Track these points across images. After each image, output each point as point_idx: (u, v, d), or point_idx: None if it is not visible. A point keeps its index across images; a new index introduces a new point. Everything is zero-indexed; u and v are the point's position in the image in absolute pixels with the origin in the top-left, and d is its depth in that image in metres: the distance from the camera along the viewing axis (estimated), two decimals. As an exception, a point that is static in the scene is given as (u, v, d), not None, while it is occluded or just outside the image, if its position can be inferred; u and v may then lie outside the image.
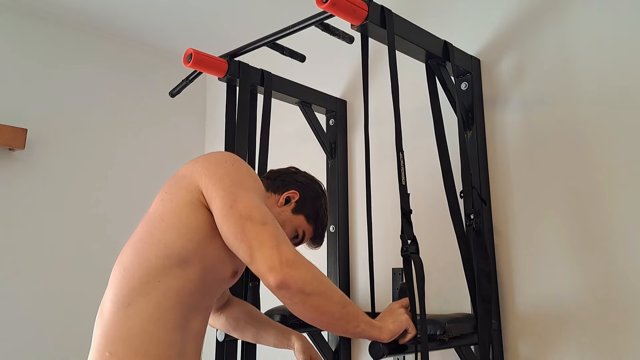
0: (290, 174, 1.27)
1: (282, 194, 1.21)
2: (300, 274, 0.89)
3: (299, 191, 1.22)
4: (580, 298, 1.25)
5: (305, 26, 1.27)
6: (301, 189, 1.23)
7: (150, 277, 0.95)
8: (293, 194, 1.21)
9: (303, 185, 1.24)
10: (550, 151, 1.35)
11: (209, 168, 1.00)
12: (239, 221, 0.92)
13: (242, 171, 1.02)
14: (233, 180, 0.98)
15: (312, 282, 0.90)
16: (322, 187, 1.29)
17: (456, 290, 1.45)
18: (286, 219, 1.19)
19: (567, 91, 1.35)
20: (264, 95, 1.56)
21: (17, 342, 1.82)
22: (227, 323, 1.28)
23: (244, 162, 1.07)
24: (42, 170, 1.97)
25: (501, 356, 1.33)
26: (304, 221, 1.22)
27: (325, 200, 1.28)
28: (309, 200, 1.23)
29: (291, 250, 0.92)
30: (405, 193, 1.09)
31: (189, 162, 1.06)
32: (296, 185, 1.23)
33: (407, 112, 1.62)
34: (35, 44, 2.02)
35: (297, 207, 1.21)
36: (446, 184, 1.27)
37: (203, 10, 2.01)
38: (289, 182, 1.24)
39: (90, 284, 2.01)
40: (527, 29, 1.45)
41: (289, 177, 1.25)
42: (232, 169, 1.01)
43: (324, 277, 0.94)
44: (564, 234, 1.30)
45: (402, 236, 1.06)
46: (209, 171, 1.00)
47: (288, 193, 1.21)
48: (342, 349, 1.64)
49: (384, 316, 1.04)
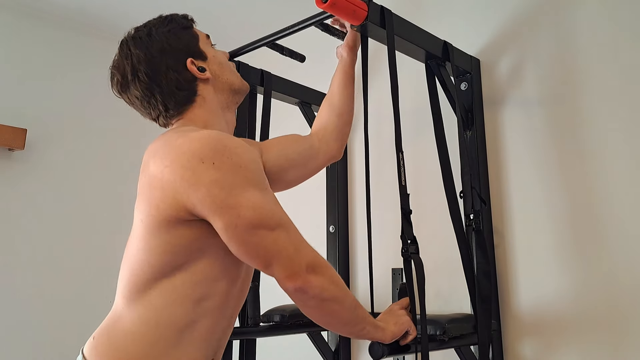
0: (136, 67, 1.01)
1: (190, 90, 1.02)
2: (320, 281, 0.88)
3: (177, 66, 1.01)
4: (580, 298, 1.25)
5: (305, 26, 1.27)
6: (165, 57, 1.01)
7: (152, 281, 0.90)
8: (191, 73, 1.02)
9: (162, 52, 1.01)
10: (550, 151, 1.35)
11: (186, 177, 0.85)
12: (248, 238, 0.86)
13: (228, 166, 0.86)
14: (224, 187, 0.85)
15: (329, 288, 0.89)
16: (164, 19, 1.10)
17: (456, 290, 1.45)
18: (217, 79, 1.07)
19: (567, 91, 1.35)
20: (264, 96, 1.55)
21: (17, 342, 1.82)
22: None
23: (222, 143, 0.88)
24: (42, 171, 1.97)
25: (501, 356, 1.33)
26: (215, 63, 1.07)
27: (170, 23, 1.08)
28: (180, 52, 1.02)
29: (310, 251, 0.89)
30: (405, 193, 1.09)
31: (152, 148, 0.93)
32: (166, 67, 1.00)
33: (407, 112, 1.62)
34: (35, 44, 2.02)
35: (200, 69, 1.03)
36: (446, 184, 1.27)
37: (203, 10, 2.01)
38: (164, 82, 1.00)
39: (90, 283, 2.02)
40: (527, 29, 1.45)
41: (155, 77, 1.00)
42: (215, 172, 0.85)
43: (339, 280, 0.93)
44: (563, 233, 1.30)
45: (402, 236, 1.06)
46: (189, 182, 0.84)
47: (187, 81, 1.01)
48: (342, 349, 1.64)
49: (385, 317, 1.03)
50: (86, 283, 2.00)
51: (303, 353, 1.70)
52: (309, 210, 1.85)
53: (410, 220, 1.08)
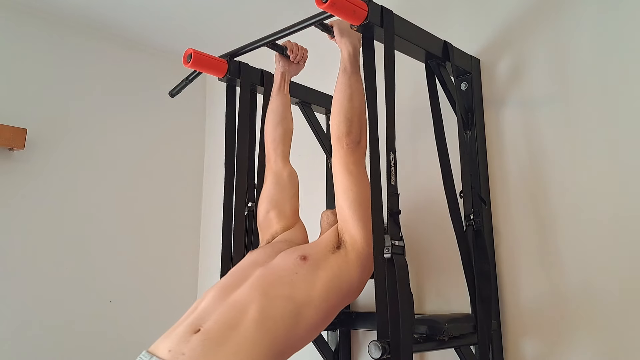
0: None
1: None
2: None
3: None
4: (580, 298, 1.25)
5: (305, 26, 1.27)
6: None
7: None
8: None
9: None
10: (550, 151, 1.35)
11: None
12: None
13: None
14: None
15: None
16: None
17: (456, 290, 1.45)
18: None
19: (567, 91, 1.35)
20: (264, 95, 1.56)
21: (16, 342, 1.82)
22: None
23: None
24: (42, 170, 1.97)
25: (501, 356, 1.33)
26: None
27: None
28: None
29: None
30: (395, 193, 1.07)
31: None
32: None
33: (407, 112, 1.62)
34: (36, 44, 2.02)
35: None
36: (446, 184, 1.27)
37: (203, 10, 2.01)
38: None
39: (90, 283, 2.02)
40: (527, 29, 1.45)
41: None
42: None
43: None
44: (564, 233, 1.30)
45: (386, 236, 1.03)
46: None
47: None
48: (342, 349, 1.64)
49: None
50: (86, 283, 2.00)
51: (303, 353, 1.70)
52: (309, 210, 1.84)
53: (398, 220, 1.06)
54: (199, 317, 1.03)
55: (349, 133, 1.15)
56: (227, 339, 0.96)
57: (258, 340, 0.97)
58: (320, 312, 1.07)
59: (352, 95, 1.17)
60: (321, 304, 1.07)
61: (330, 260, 1.13)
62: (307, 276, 1.09)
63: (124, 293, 2.09)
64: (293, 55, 1.47)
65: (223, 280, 1.16)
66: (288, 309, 1.03)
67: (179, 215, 2.34)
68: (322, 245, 1.18)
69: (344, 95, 1.18)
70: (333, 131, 1.18)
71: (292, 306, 1.04)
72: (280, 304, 1.03)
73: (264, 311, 1.01)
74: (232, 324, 0.99)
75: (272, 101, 1.49)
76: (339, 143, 1.17)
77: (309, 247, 1.20)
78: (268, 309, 1.02)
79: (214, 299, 1.07)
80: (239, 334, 0.97)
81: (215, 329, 0.99)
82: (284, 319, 1.02)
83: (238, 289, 1.08)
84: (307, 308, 1.05)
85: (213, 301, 1.07)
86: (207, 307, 1.06)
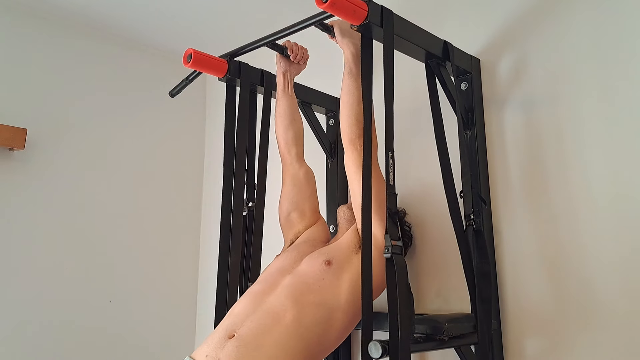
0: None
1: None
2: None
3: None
4: (580, 298, 1.25)
5: (305, 26, 1.27)
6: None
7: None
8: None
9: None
10: (550, 151, 1.35)
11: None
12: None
13: None
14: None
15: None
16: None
17: (456, 290, 1.45)
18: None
19: (567, 91, 1.35)
20: (264, 95, 1.56)
21: (17, 341, 1.82)
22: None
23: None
24: (42, 170, 1.97)
25: (501, 356, 1.33)
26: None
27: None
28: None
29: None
30: (393, 193, 1.08)
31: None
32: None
33: (407, 112, 1.62)
34: (36, 44, 2.02)
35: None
36: (446, 184, 1.27)
37: (203, 10, 2.01)
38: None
39: (90, 284, 2.02)
40: (527, 29, 1.45)
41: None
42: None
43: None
44: (564, 233, 1.30)
45: (385, 236, 1.04)
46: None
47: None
48: (342, 349, 1.64)
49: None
50: (86, 283, 2.00)
51: (303, 353, 1.70)
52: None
53: (397, 220, 1.06)
54: (233, 322, 1.09)
55: (361, 135, 1.16)
56: (262, 345, 1.02)
57: (292, 346, 1.03)
58: (349, 314, 1.12)
59: (360, 97, 1.18)
60: (349, 306, 1.12)
61: (353, 261, 1.18)
62: (333, 281, 1.14)
63: (124, 293, 2.09)
64: (293, 55, 1.47)
65: (254, 287, 1.21)
66: (319, 314, 1.09)
67: (179, 215, 2.34)
68: (344, 247, 1.22)
69: (353, 98, 1.20)
70: (345, 134, 1.20)
71: (322, 312, 1.09)
72: (312, 311, 1.09)
73: (296, 319, 1.07)
74: (266, 330, 1.05)
75: (278, 104, 1.51)
76: (352, 145, 1.19)
77: (332, 249, 1.23)
78: (301, 316, 1.07)
79: (247, 305, 1.13)
80: (272, 339, 1.03)
81: (250, 334, 1.04)
82: (317, 325, 1.08)
83: (269, 296, 1.13)
84: (336, 312, 1.10)
85: (246, 307, 1.12)
86: (241, 313, 1.11)
